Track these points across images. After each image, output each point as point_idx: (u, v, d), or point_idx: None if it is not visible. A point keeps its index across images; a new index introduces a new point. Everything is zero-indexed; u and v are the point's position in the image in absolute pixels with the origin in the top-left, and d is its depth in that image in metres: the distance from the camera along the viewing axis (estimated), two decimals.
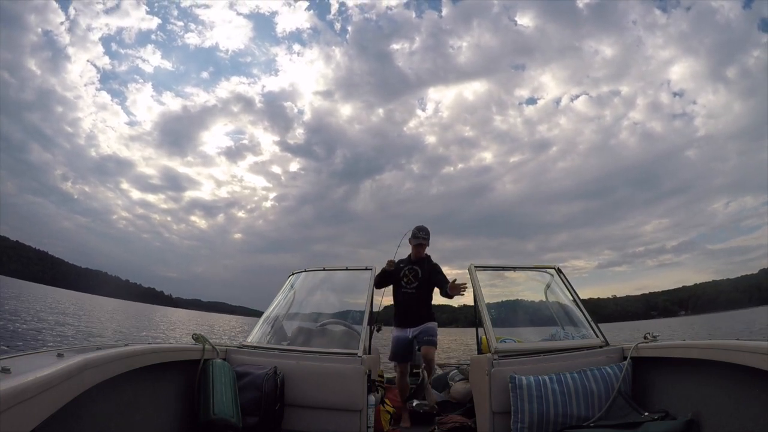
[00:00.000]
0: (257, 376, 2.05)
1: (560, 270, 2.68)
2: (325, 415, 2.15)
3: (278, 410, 2.08)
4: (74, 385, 0.97)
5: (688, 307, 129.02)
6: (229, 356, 2.30)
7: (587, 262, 63.31)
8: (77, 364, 0.98)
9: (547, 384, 1.87)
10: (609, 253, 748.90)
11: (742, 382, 1.37)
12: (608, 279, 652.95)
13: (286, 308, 3.01)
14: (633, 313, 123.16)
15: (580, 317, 2.47)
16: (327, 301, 3.18)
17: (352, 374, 2.17)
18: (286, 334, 2.78)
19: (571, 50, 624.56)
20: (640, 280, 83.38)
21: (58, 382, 0.87)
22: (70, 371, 0.93)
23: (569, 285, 2.60)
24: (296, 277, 3.14)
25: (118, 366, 1.24)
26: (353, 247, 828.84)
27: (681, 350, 1.70)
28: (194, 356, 1.92)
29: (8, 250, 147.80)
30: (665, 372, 1.84)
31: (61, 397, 0.90)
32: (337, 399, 2.15)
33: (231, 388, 1.93)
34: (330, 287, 3.23)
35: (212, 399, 1.81)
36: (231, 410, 1.84)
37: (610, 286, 61.96)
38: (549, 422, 1.83)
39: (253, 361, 2.28)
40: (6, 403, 0.69)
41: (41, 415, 0.81)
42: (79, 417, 1.07)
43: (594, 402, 1.86)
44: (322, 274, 3.15)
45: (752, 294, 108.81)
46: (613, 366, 1.97)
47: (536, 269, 2.78)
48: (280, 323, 2.87)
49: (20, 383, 0.74)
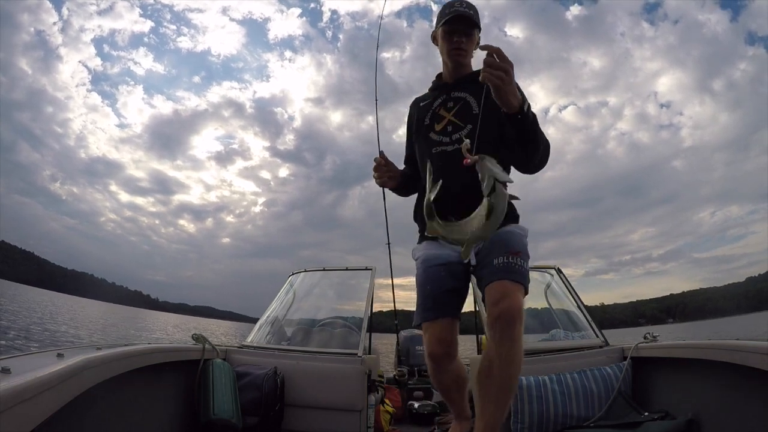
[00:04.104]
0: (257, 376, 2.05)
1: (560, 270, 2.68)
2: (325, 415, 2.15)
3: (278, 410, 2.08)
4: (74, 385, 0.96)
5: (676, 315, 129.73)
6: (229, 356, 2.30)
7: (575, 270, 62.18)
8: (77, 364, 0.98)
9: (547, 384, 1.87)
10: (596, 261, 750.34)
11: (742, 382, 1.36)
12: (596, 286, 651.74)
13: (286, 308, 3.00)
14: (621, 320, 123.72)
15: (580, 317, 2.47)
16: (327, 301, 3.18)
17: (352, 374, 2.17)
18: (286, 334, 2.78)
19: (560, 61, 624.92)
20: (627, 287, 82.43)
21: (58, 382, 0.87)
22: (70, 371, 0.93)
23: (569, 285, 2.60)
24: (296, 277, 3.14)
25: (118, 366, 1.24)
26: (341, 253, 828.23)
27: (681, 350, 1.70)
28: (194, 356, 1.92)
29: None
30: (665, 372, 1.84)
31: (61, 397, 0.90)
32: (337, 399, 2.15)
33: (231, 389, 1.93)
34: (330, 287, 3.22)
35: (212, 399, 1.81)
36: (231, 410, 1.84)
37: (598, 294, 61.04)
38: (549, 422, 1.83)
39: (253, 361, 2.28)
40: (6, 403, 0.68)
41: (41, 415, 0.81)
42: (79, 417, 1.07)
43: (594, 402, 1.86)
44: (322, 274, 3.15)
45: (739, 302, 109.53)
46: (613, 366, 1.97)
47: (536, 269, 2.78)
48: (280, 323, 2.87)
49: (20, 383, 0.74)
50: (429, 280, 1.46)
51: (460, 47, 1.47)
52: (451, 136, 1.47)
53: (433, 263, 1.47)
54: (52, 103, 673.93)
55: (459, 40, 1.46)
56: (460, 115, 1.48)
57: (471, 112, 1.46)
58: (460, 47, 1.47)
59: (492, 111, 1.32)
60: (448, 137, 1.47)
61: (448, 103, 1.52)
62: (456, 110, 1.49)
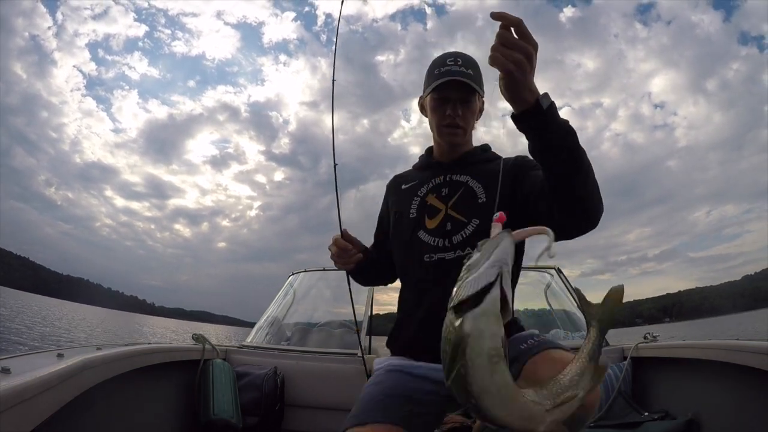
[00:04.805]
0: (257, 376, 2.05)
1: (560, 270, 2.68)
2: (326, 415, 2.15)
3: (278, 410, 2.08)
4: (74, 385, 0.96)
5: (673, 314, 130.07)
6: (229, 356, 2.30)
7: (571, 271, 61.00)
8: (77, 364, 0.98)
9: None
10: (592, 261, 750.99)
11: (742, 382, 1.37)
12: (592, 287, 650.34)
13: (286, 308, 3.00)
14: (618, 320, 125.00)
15: (580, 317, 2.47)
16: (326, 302, 3.18)
17: (352, 374, 2.17)
18: (286, 334, 2.78)
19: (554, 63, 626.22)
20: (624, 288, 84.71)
21: (58, 382, 0.87)
22: (70, 371, 0.93)
23: (569, 285, 2.60)
24: (296, 278, 3.14)
25: (118, 366, 1.24)
26: None
27: (681, 350, 1.70)
28: (194, 356, 1.92)
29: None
30: (665, 372, 1.84)
31: (61, 397, 0.90)
32: (337, 399, 2.15)
33: (231, 389, 1.93)
34: (329, 287, 3.22)
35: (212, 399, 1.81)
36: (231, 410, 1.84)
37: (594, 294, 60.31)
38: None
39: (253, 361, 2.28)
40: (6, 403, 0.68)
41: (41, 415, 0.81)
42: (79, 417, 1.07)
43: None
44: (322, 274, 3.15)
45: (736, 300, 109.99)
46: (613, 366, 1.97)
47: (536, 269, 2.78)
48: (280, 323, 2.87)
49: (20, 383, 0.74)
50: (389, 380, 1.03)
51: (455, 124, 1.07)
52: (451, 237, 1.04)
53: (404, 370, 1.04)
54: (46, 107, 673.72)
55: (453, 114, 1.06)
56: (462, 206, 1.06)
57: (476, 202, 1.05)
58: (454, 124, 1.07)
59: (504, 198, 1.02)
60: (446, 239, 1.04)
61: (443, 190, 1.10)
62: (456, 200, 1.07)
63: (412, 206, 1.12)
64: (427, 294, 1.05)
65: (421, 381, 1.01)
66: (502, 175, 1.05)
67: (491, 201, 1.03)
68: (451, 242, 1.03)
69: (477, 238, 0.87)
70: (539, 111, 0.76)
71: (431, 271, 1.04)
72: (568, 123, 0.79)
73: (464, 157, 1.14)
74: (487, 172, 1.08)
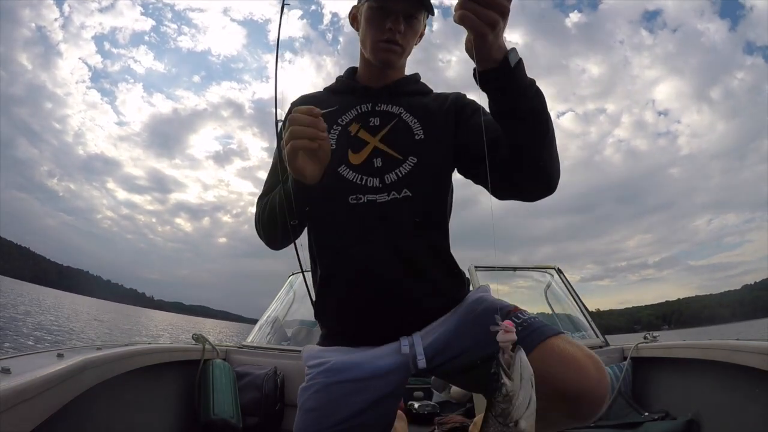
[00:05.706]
0: (257, 377, 2.05)
1: (560, 270, 2.68)
2: None
3: (278, 410, 2.08)
4: (74, 385, 0.96)
5: (671, 322, 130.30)
6: (229, 356, 2.30)
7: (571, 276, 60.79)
8: (77, 364, 0.98)
9: None
10: (592, 266, 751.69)
11: (742, 382, 1.36)
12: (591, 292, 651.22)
13: (286, 308, 3.00)
14: (616, 327, 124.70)
15: (580, 318, 2.46)
16: None
17: None
18: (286, 335, 2.78)
19: (559, 68, 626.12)
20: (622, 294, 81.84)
21: (58, 382, 0.87)
22: (70, 371, 0.93)
23: (569, 285, 2.60)
24: (296, 278, 3.14)
25: (118, 366, 1.24)
26: None
27: (681, 350, 1.70)
28: (194, 356, 1.92)
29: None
30: (665, 372, 1.84)
31: (61, 397, 0.90)
32: None
33: (231, 389, 1.93)
34: None
35: (212, 399, 1.81)
36: (231, 410, 1.84)
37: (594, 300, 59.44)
38: None
39: (253, 362, 2.27)
40: (6, 403, 0.68)
41: (41, 415, 0.81)
42: (79, 417, 1.07)
43: None
44: None
45: (735, 309, 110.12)
46: (613, 366, 1.97)
47: (536, 269, 2.78)
48: (280, 323, 2.86)
49: (20, 383, 0.74)
50: (329, 403, 0.88)
51: (394, 41, 0.89)
52: (383, 176, 0.87)
53: (343, 378, 0.89)
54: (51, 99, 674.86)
55: (394, 29, 0.87)
56: (395, 141, 0.90)
57: (412, 138, 0.90)
58: (393, 41, 0.89)
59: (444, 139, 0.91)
60: (377, 178, 0.87)
61: (371, 119, 0.92)
62: (387, 133, 0.91)
63: (331, 136, 0.90)
64: (355, 245, 0.86)
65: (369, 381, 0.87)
66: (440, 114, 0.93)
67: (431, 140, 0.90)
68: (383, 182, 0.87)
69: (414, 178, 0.84)
70: (507, 69, 0.68)
71: (359, 216, 0.86)
72: (535, 83, 0.73)
73: (396, 85, 0.97)
74: (422, 107, 0.94)
